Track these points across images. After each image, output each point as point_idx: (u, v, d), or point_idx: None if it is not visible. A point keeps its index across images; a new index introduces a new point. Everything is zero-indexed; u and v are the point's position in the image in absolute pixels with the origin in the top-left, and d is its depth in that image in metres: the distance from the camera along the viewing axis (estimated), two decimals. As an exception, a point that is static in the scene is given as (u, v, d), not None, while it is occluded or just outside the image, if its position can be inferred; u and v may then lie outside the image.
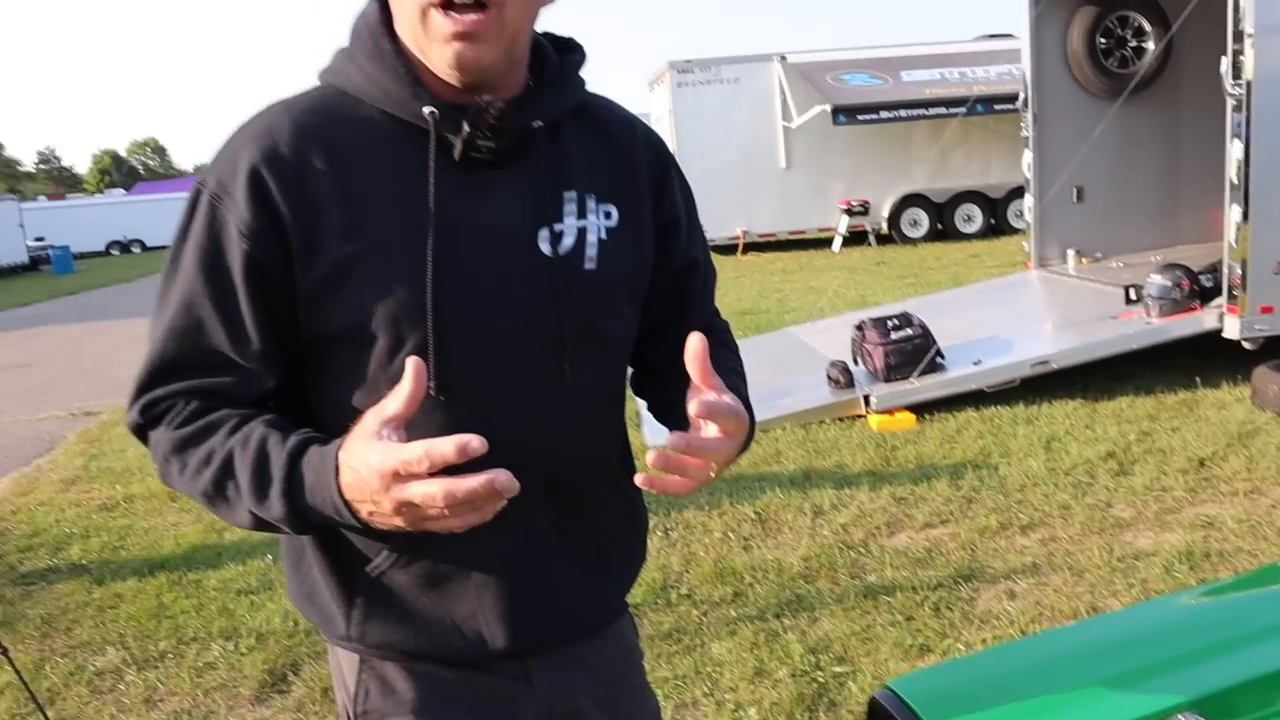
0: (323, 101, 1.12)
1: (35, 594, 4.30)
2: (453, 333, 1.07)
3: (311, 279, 1.06)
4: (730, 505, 4.46)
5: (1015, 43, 15.52)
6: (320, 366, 1.12)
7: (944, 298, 8.13)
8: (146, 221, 43.57)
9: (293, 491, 1.01)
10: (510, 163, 1.11)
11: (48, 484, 6.07)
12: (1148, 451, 4.80)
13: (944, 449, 5.07)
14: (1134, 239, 7.94)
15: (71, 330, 14.71)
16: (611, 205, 1.18)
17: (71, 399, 9.04)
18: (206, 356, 1.09)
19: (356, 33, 1.14)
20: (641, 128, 1.27)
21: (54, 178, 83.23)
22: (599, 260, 1.15)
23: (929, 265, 12.96)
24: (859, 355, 6.00)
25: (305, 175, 1.06)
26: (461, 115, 1.07)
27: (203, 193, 1.09)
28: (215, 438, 1.06)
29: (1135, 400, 5.66)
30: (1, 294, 23.20)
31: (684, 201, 1.29)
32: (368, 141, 1.09)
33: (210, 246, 1.07)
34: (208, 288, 1.08)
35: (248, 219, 1.05)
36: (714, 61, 15.07)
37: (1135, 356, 5.92)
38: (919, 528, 4.10)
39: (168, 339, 1.10)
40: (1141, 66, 7.37)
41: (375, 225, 1.07)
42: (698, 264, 1.32)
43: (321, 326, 1.08)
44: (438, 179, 1.07)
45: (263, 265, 1.06)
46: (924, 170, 15.06)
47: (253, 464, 1.03)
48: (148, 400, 1.11)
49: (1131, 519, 4.05)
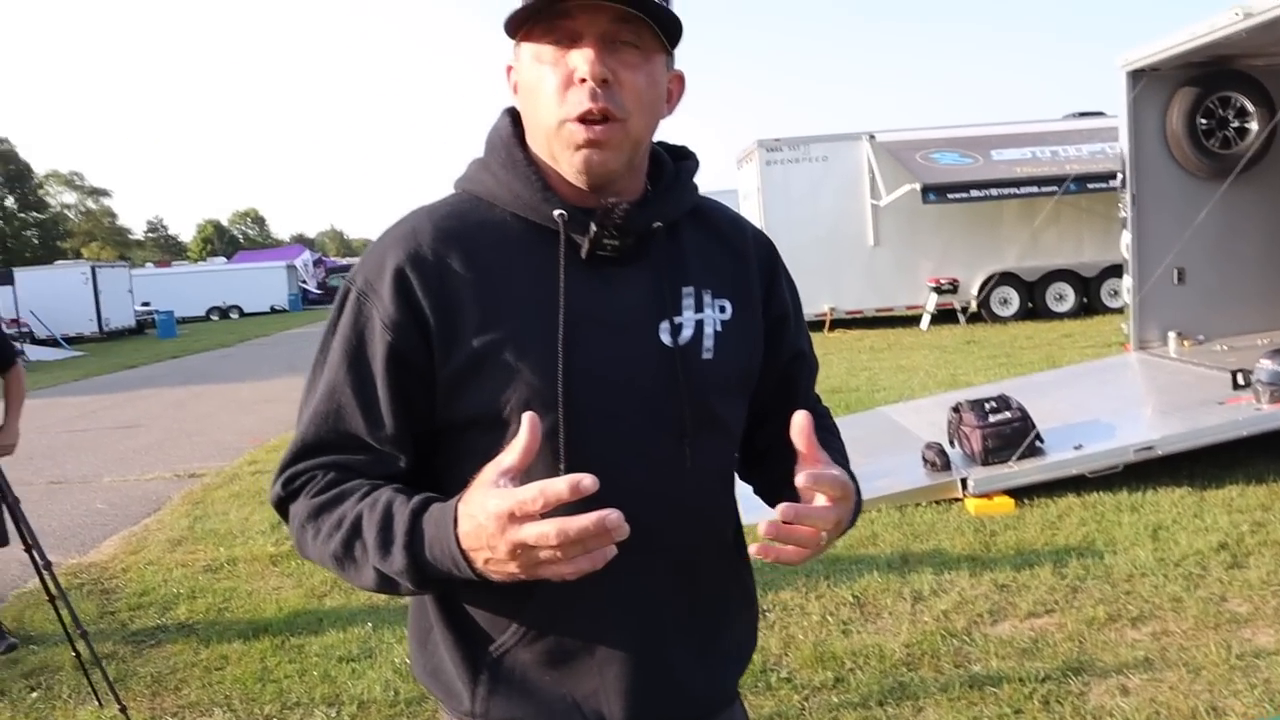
0: (460, 206, 1.22)
1: (145, 652, 4.43)
2: (581, 418, 1.14)
3: (450, 369, 1.15)
4: (828, 588, 4.41)
5: (1106, 121, 15.49)
6: (452, 449, 1.19)
7: (1041, 379, 7.98)
8: (245, 288, 45.28)
9: (414, 544, 1.06)
10: (633, 261, 1.20)
11: (155, 544, 6.28)
12: (1262, 544, 4.62)
13: (1045, 535, 4.95)
14: (1237, 322, 7.73)
15: (175, 393, 15.27)
16: (726, 300, 1.26)
17: (176, 461, 9.38)
18: (344, 439, 1.18)
19: (491, 144, 1.25)
20: (750, 228, 1.37)
21: (160, 245, 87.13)
22: (715, 350, 1.23)
23: (1020, 345, 12.75)
24: (956, 437, 5.92)
25: (445, 275, 1.16)
26: (588, 217, 1.16)
27: (351, 290, 1.20)
28: (347, 503, 1.14)
29: (1245, 489, 5.46)
30: (111, 356, 24.27)
31: (791, 298, 1.38)
32: (502, 242, 1.19)
33: (355, 339, 1.18)
34: (350, 376, 1.18)
35: (392, 314, 1.15)
36: (802, 140, 15.24)
37: (1244, 444, 5.71)
38: (1023, 617, 4.00)
39: (311, 423, 1.20)
40: (1245, 147, 7.26)
41: (509, 319, 1.15)
42: (804, 355, 1.40)
43: (457, 413, 1.17)
44: (567, 275, 1.16)
45: (404, 357, 1.16)
46: (1014, 248, 14.90)
47: (379, 522, 1.09)
48: (289, 474, 1.20)
49: (1249, 615, 3.90)
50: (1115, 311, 15.16)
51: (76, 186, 70.16)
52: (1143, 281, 7.51)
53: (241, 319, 42.83)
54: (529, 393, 1.13)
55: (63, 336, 28.99)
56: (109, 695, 3.88)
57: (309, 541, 1.17)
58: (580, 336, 1.15)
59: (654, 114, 1.19)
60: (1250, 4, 5.92)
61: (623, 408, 1.17)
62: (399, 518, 1.09)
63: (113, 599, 5.26)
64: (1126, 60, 7.40)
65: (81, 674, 3.98)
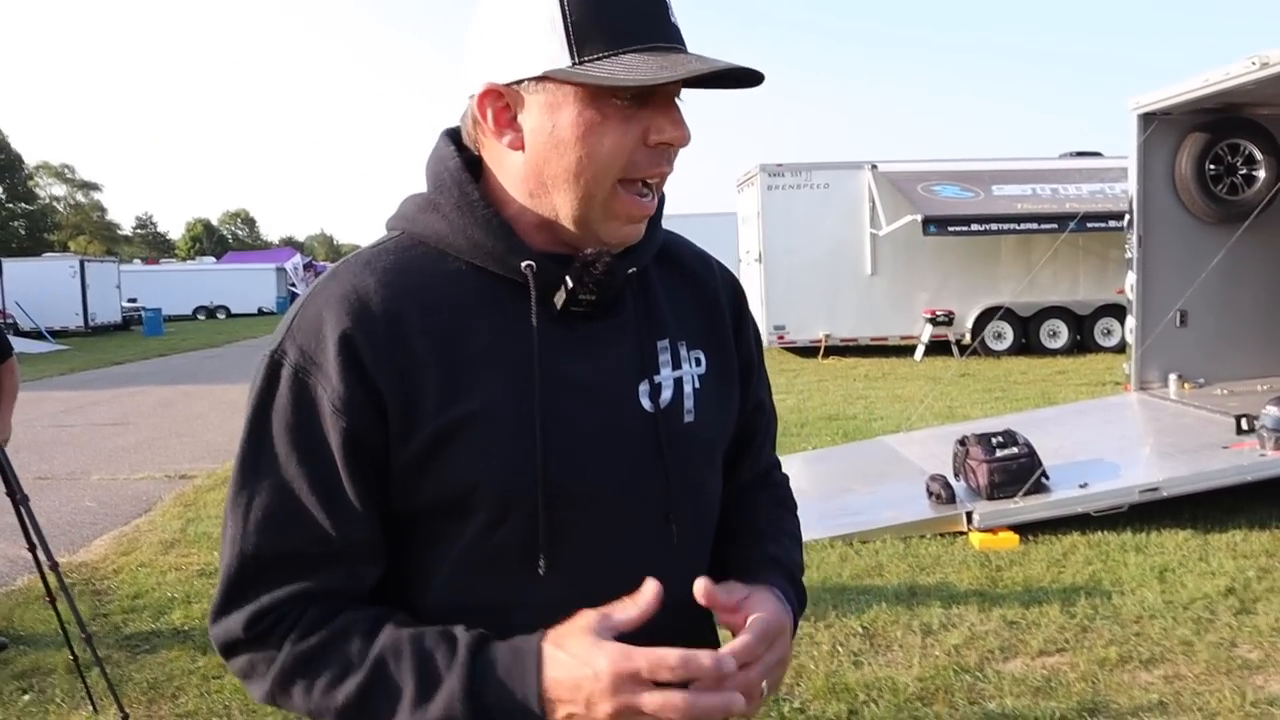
0: (405, 256, 1.05)
1: (140, 658, 4.36)
2: (561, 502, 1.01)
3: (410, 451, 0.99)
4: (836, 617, 4.38)
5: (1104, 162, 15.64)
6: (408, 539, 1.04)
7: (1043, 415, 7.99)
8: (233, 289, 45.06)
9: (475, 689, 0.92)
10: (604, 315, 1.07)
11: (148, 546, 6.19)
12: (1270, 590, 4.62)
13: (1052, 573, 4.93)
14: (1238, 367, 7.77)
15: (164, 392, 15.14)
16: (700, 351, 1.15)
17: (166, 461, 9.27)
18: (309, 548, 0.99)
19: (438, 181, 1.07)
20: (717, 265, 1.26)
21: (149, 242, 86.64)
22: (696, 411, 1.12)
23: (1015, 380, 12.79)
24: (961, 470, 5.91)
25: (400, 341, 0.99)
26: (559, 267, 1.03)
27: (283, 364, 1.00)
28: (351, 645, 0.97)
29: (1250, 534, 5.46)
30: (97, 351, 24.06)
31: (755, 343, 1.28)
32: (459, 298, 1.03)
33: (300, 425, 0.99)
34: (303, 469, 0.98)
35: (342, 392, 0.97)
36: (805, 166, 15.29)
37: (1246, 489, 5.73)
38: (1034, 654, 3.98)
39: (259, 533, 0.99)
40: (1253, 195, 7.32)
41: (476, 389, 1.00)
42: (764, 407, 1.29)
43: (416, 500, 1.01)
44: (539, 337, 1.02)
45: (361, 441, 0.98)
46: (1010, 283, 14.96)
47: (414, 666, 0.94)
48: (254, 612, 0.99)
49: (1260, 661, 3.89)
50: (1108, 350, 15.26)
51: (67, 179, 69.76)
52: (1146, 323, 7.54)
53: (228, 319, 42.62)
54: (501, 474, 0.99)
55: (47, 329, 28.73)
56: (104, 700, 3.81)
57: (295, 694, 0.98)
58: (557, 406, 1.01)
59: None
60: (1268, 55, 5.98)
61: (605, 487, 1.04)
62: (442, 657, 0.94)
63: (105, 601, 5.17)
64: (1138, 103, 7.46)
65: (77, 677, 3.91)
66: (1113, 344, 15.30)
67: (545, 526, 1.00)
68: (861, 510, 5.86)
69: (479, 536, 1.01)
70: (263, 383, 1.01)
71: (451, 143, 1.09)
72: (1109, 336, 15.50)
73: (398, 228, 1.09)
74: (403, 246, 1.06)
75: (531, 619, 0.97)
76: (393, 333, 0.99)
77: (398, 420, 0.98)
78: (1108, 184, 14.72)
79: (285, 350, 1.00)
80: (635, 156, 1.00)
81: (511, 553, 1.00)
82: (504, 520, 1.00)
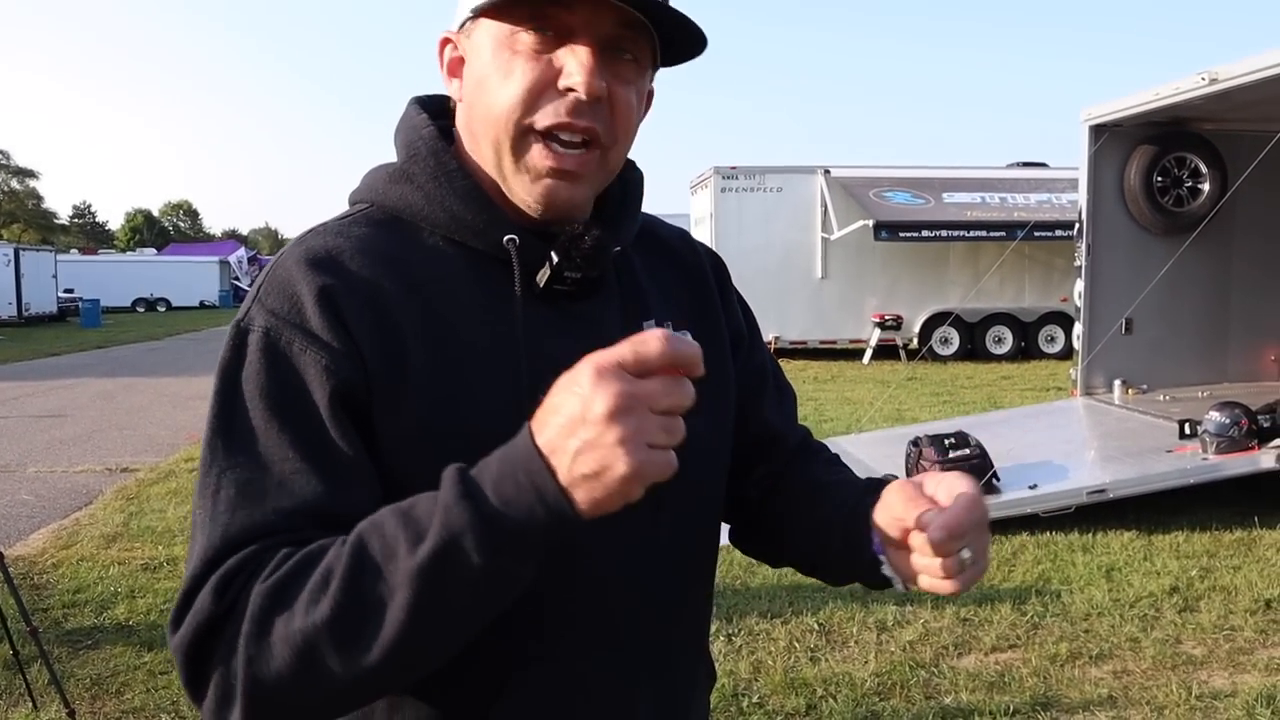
0: (378, 228, 0.97)
1: (83, 654, 4.23)
2: None
3: (391, 427, 0.89)
4: (793, 614, 4.40)
5: (1051, 172, 15.97)
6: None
7: (992, 418, 8.13)
8: (174, 281, 44.17)
9: (473, 492, 0.75)
10: (589, 294, 1.00)
11: (88, 539, 6.03)
12: (1211, 589, 4.73)
13: (1002, 571, 5.01)
14: (1180, 373, 7.97)
15: (103, 384, 14.77)
16: (687, 332, 1.04)
17: (106, 454, 9.04)
18: (297, 507, 0.84)
19: (412, 149, 1.00)
20: (700, 245, 1.21)
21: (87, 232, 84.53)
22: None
23: (961, 384, 12.99)
24: (914, 471, 5.98)
25: (380, 307, 0.90)
26: (543, 243, 0.96)
27: (251, 331, 0.89)
28: (327, 555, 0.79)
29: (1192, 535, 5.60)
30: (32, 343, 23.41)
31: (744, 313, 1.20)
32: (438, 272, 0.95)
33: (278, 388, 0.87)
34: (285, 438, 0.86)
35: (330, 345, 0.87)
36: (759, 170, 15.40)
37: (1188, 491, 5.88)
38: (987, 650, 4.03)
39: (234, 510, 0.84)
40: (1197, 207, 7.51)
41: (461, 370, 0.92)
42: (766, 373, 1.21)
43: (393, 485, 0.87)
44: (524, 315, 0.95)
45: (350, 401, 0.87)
46: (958, 289, 15.23)
47: (399, 520, 0.77)
48: (222, 576, 0.80)
49: (1204, 657, 3.98)
50: (1052, 357, 15.58)
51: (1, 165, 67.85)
52: (1093, 330, 7.70)
53: (169, 312, 41.75)
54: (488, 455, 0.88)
55: (-21, 319, 27.95)
56: (44, 696, 3.70)
57: (277, 638, 0.77)
58: (543, 387, 0.87)
59: (632, 139, 1.00)
60: (1217, 71, 6.14)
61: None
62: (430, 498, 0.77)
63: (44, 595, 5.02)
64: (1089, 115, 7.62)
65: (16, 672, 3.78)
66: (1056, 350, 15.63)
67: None
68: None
69: None
70: (230, 354, 0.89)
71: (423, 110, 1.02)
72: (1053, 343, 15.82)
73: (365, 200, 1.00)
74: (374, 219, 0.98)
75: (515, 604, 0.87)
76: (373, 297, 0.90)
77: (381, 390, 0.88)
78: (1055, 194, 15.03)
79: (253, 317, 0.90)
80: (543, 100, 0.91)
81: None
82: None
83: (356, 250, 0.92)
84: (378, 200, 0.99)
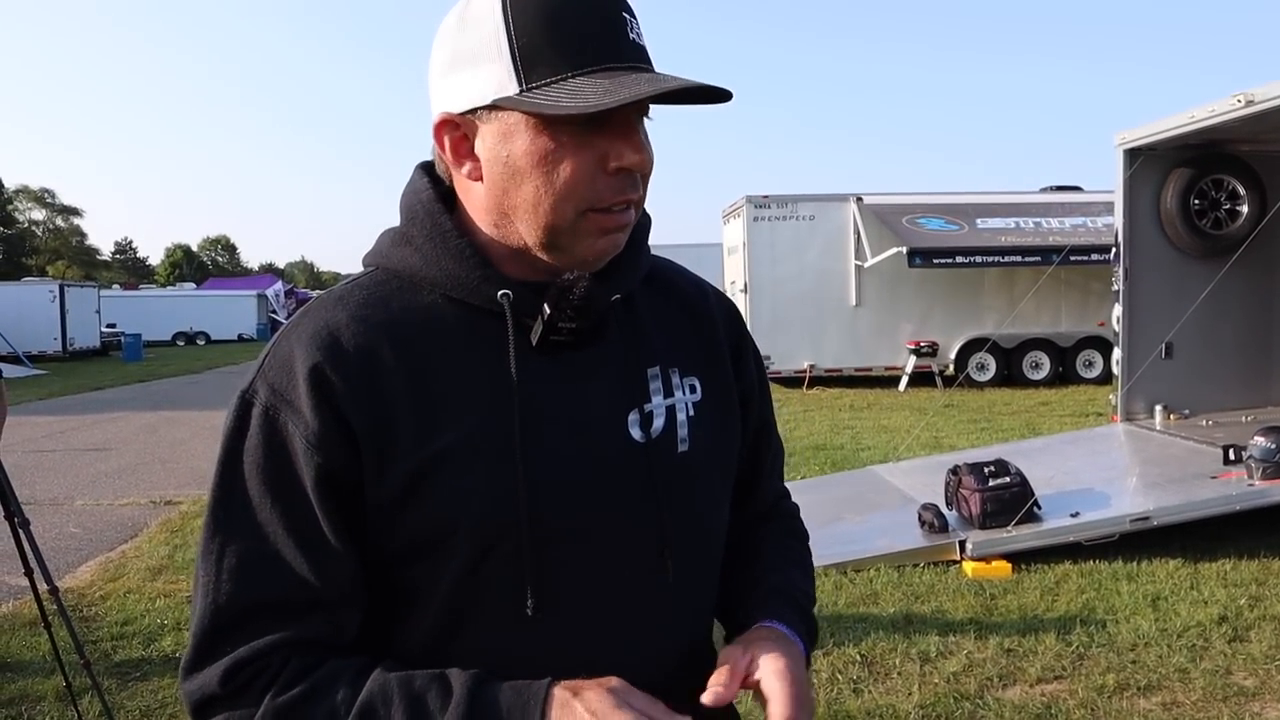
0: (378, 290, 1.02)
1: (132, 685, 4.29)
2: (548, 540, 0.97)
3: (385, 488, 0.95)
4: (834, 645, 4.38)
5: (1085, 196, 15.86)
6: (389, 585, 1.00)
7: (1032, 445, 8.05)
8: (213, 315, 44.83)
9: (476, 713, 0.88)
10: (589, 343, 1.02)
11: (135, 572, 6.12)
12: (1262, 618, 4.65)
13: (1045, 601, 4.96)
14: (1223, 398, 7.86)
15: (145, 417, 15.00)
16: (695, 378, 1.10)
17: (151, 486, 9.18)
18: (287, 595, 0.94)
19: (410, 213, 1.05)
20: (711, 290, 1.21)
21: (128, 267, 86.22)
22: (690, 440, 1.07)
23: (999, 410, 12.88)
24: (953, 500, 5.94)
25: (374, 374, 0.96)
26: (537, 296, 0.99)
27: (254, 404, 0.97)
28: (336, 695, 0.91)
29: (1239, 563, 5.51)
30: (76, 377, 23.83)
31: (757, 368, 1.23)
32: (435, 331, 0.99)
33: (273, 465, 0.95)
34: (276, 512, 0.94)
35: (315, 427, 0.94)
36: (791, 198, 15.43)
37: (1233, 518, 5.79)
38: (1033, 682, 3.99)
39: (236, 581, 0.94)
40: (1235, 230, 7.45)
41: (453, 424, 0.96)
42: (769, 435, 1.26)
43: (394, 539, 0.96)
44: (518, 367, 0.98)
45: (336, 478, 0.94)
46: (993, 316, 15.13)
47: (405, 711, 0.89)
48: (230, 665, 0.93)
49: (1256, 689, 3.91)
50: (1090, 382, 15.40)
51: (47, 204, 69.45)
52: (1132, 355, 7.63)
53: (208, 345, 42.33)
54: (482, 512, 0.95)
55: (25, 354, 28.45)
56: (98, 727, 3.76)
57: None
58: (539, 440, 0.97)
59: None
60: (1253, 93, 6.11)
61: (594, 521, 0.99)
62: (439, 699, 0.89)
63: (93, 627, 5.10)
64: (1124, 139, 7.59)
65: (69, 704, 3.85)
66: (1094, 375, 15.45)
67: (531, 565, 0.95)
68: (854, 539, 5.87)
69: (462, 577, 0.96)
70: (234, 423, 0.97)
71: (426, 175, 1.06)
72: (1091, 368, 15.65)
73: (373, 263, 1.06)
74: (376, 281, 1.03)
75: (524, 665, 0.93)
76: (365, 367, 0.96)
77: (372, 456, 0.94)
78: (1089, 218, 14.93)
79: (256, 389, 0.97)
80: (597, 184, 0.95)
81: (498, 593, 0.96)
82: (486, 559, 0.95)
83: (353, 319, 0.98)
84: (382, 264, 1.05)
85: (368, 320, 0.98)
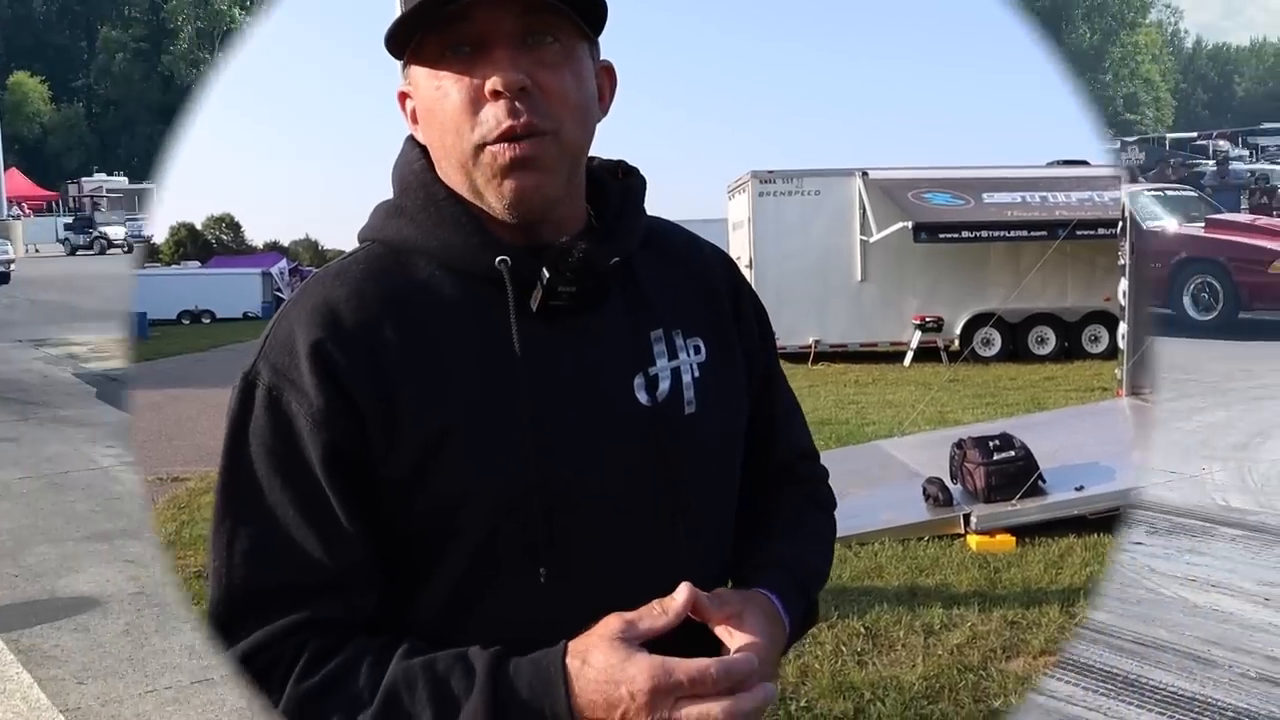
0: (375, 264, 1.01)
1: (141, 658, 4.33)
2: (559, 509, 0.96)
3: (394, 462, 0.95)
4: (839, 618, 4.41)
5: (1091, 170, 15.75)
6: (403, 559, 0.99)
7: (1037, 420, 8.06)
8: (218, 293, 44.70)
9: (499, 705, 0.87)
10: (590, 306, 1.01)
11: (143, 548, 6.16)
12: (1264, 592, 4.67)
13: (1050, 574, 4.98)
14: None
15: (151, 395, 15.02)
16: (698, 338, 1.09)
17: (157, 463, 9.21)
18: (300, 578, 0.95)
19: (403, 183, 1.05)
20: (709, 246, 1.20)
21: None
22: (698, 402, 1.06)
23: (1004, 385, 12.86)
24: (958, 473, 5.95)
25: (375, 349, 0.96)
26: (536, 260, 0.98)
27: (257, 386, 0.96)
28: (358, 680, 0.91)
29: (1243, 538, 5.52)
30: (81, 356, 23.85)
31: (758, 320, 1.21)
32: (434, 302, 0.99)
33: (279, 446, 0.95)
34: (286, 493, 0.94)
35: (319, 405, 0.93)
36: (796, 173, 15.36)
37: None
38: (1036, 654, 4.02)
39: (248, 565, 0.95)
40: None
41: (459, 396, 0.96)
42: (776, 387, 1.23)
43: (406, 513, 0.96)
44: (520, 334, 0.97)
45: (343, 455, 0.94)
46: (999, 290, 15.05)
47: (429, 695, 0.89)
48: (248, 649, 0.94)
49: (1263, 661, 3.93)
50: (1096, 357, 15.34)
51: (49, 183, 69.34)
52: (1137, 329, 7.62)
53: (213, 324, 42.34)
54: (493, 483, 0.95)
55: (31, 333, 28.51)
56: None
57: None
58: (545, 405, 0.96)
59: (588, 119, 1.01)
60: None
61: (604, 488, 0.99)
62: (463, 681, 0.89)
63: (103, 601, 5.14)
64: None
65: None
66: (1100, 350, 15.38)
67: (542, 533, 0.95)
68: (859, 513, 5.88)
69: (476, 547, 0.96)
70: (237, 405, 0.97)
71: (416, 145, 1.06)
72: (1096, 343, 15.58)
73: (368, 238, 1.05)
74: (373, 255, 1.02)
75: (538, 630, 0.93)
76: (367, 342, 0.95)
77: (378, 431, 0.94)
78: (1096, 192, 14.83)
79: (259, 370, 0.97)
80: (480, 114, 0.94)
81: (511, 562, 0.96)
82: (499, 528, 0.96)
83: (353, 294, 0.98)
84: (378, 237, 1.04)
85: (367, 294, 0.98)
